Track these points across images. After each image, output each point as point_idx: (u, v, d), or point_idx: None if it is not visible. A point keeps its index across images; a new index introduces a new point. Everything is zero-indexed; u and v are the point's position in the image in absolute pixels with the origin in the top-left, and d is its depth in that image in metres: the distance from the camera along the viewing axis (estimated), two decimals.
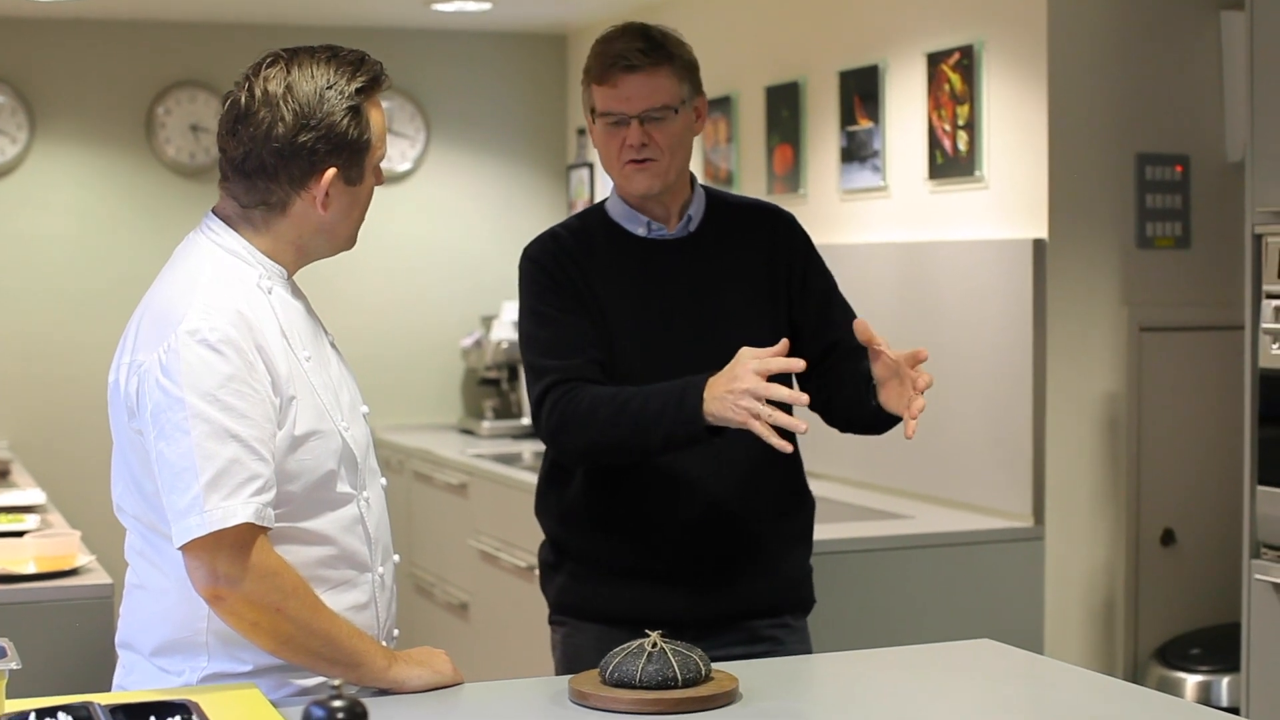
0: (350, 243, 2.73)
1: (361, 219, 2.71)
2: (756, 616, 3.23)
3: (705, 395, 2.87)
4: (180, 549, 2.47)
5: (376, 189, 2.72)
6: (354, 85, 2.62)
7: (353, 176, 2.63)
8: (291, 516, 2.57)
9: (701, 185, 3.34)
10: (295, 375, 2.59)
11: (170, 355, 2.48)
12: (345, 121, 2.60)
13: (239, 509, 2.45)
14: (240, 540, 2.45)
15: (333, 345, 2.78)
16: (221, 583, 2.46)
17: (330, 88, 2.59)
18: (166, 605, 2.60)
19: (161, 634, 2.61)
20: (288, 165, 2.59)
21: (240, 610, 2.48)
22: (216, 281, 2.58)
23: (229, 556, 2.45)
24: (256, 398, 2.50)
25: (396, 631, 2.80)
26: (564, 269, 3.21)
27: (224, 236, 2.65)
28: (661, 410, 2.94)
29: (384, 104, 2.71)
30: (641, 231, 3.25)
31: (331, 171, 2.60)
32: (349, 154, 2.61)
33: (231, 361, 2.49)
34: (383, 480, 2.79)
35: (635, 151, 3.17)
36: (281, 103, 2.58)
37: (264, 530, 2.49)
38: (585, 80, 3.23)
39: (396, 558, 2.80)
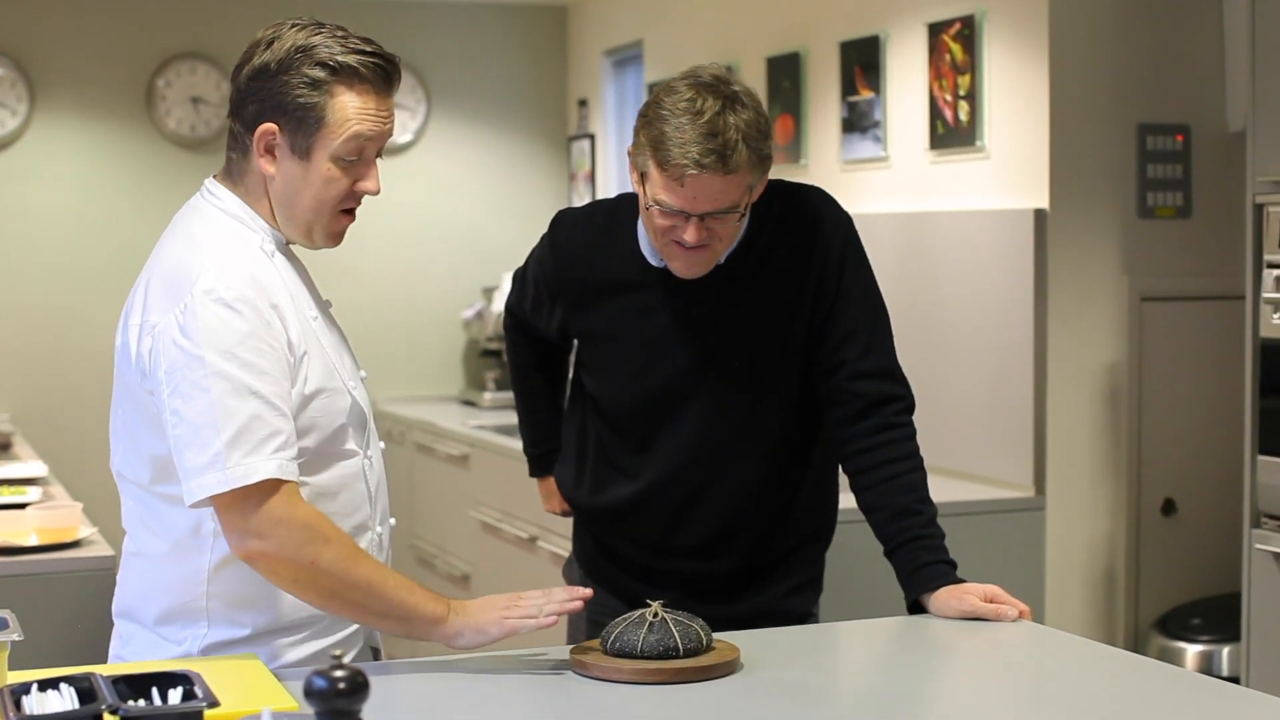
0: (316, 233, 2.67)
1: (323, 207, 2.64)
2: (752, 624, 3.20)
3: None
4: (214, 508, 2.49)
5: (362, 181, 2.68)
6: (333, 58, 2.57)
7: (298, 146, 2.60)
8: (304, 471, 2.58)
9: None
10: (306, 333, 2.61)
11: (188, 315, 2.49)
12: (299, 86, 2.57)
13: (261, 465, 2.46)
14: (266, 496, 2.47)
15: (329, 313, 2.80)
16: (253, 540, 2.48)
17: (305, 51, 2.57)
18: (165, 573, 2.62)
19: (162, 603, 2.62)
20: (245, 103, 2.61)
21: (278, 569, 2.50)
22: (223, 244, 2.60)
23: (258, 514, 2.47)
24: (274, 354, 2.52)
25: None
26: (562, 274, 3.18)
27: (223, 200, 2.67)
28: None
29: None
30: (655, 261, 3.06)
31: (271, 125, 2.59)
32: (293, 120, 2.58)
33: (249, 319, 2.50)
34: (380, 444, 2.82)
35: (691, 244, 2.91)
36: (266, 48, 2.60)
37: (290, 484, 2.50)
38: (642, 138, 2.89)
39: (393, 520, 2.82)
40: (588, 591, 2.60)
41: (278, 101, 2.58)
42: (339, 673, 1.79)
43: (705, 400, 3.09)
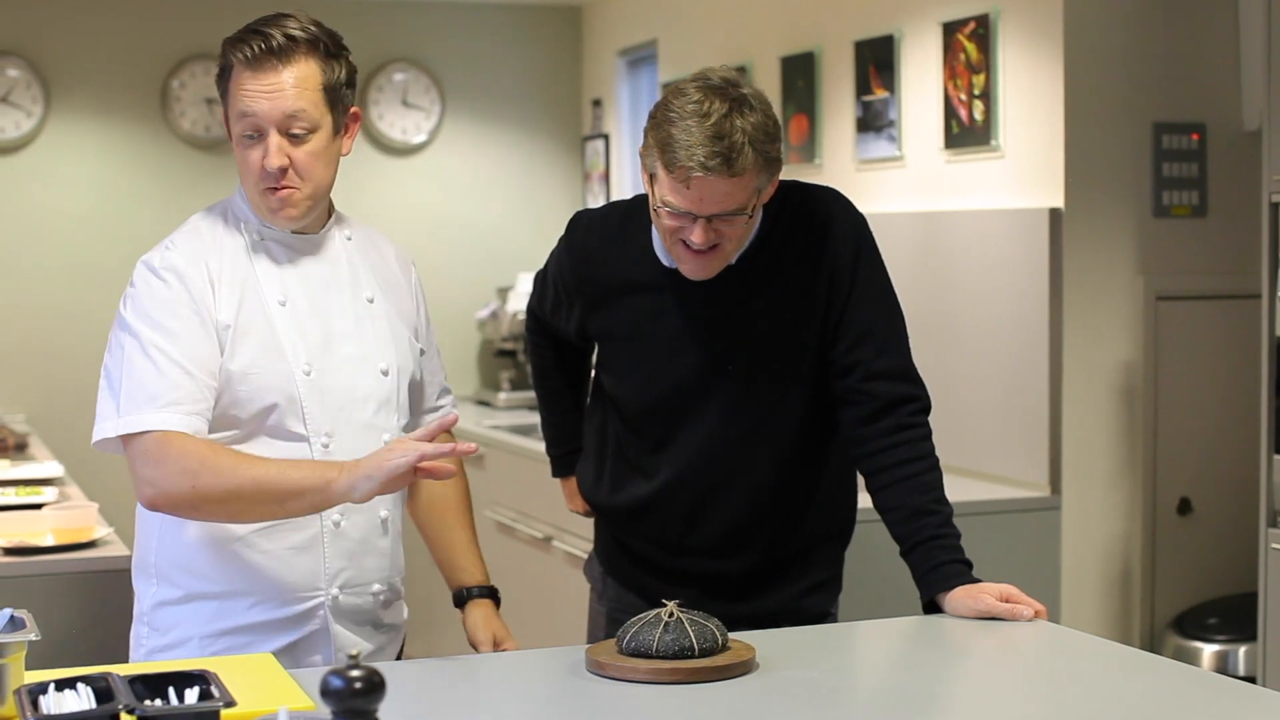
0: (260, 208, 2.82)
1: (248, 183, 2.80)
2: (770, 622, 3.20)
3: None
4: (129, 461, 2.67)
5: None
6: (227, 44, 2.80)
7: (228, 128, 2.80)
8: (239, 441, 2.74)
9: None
10: (251, 315, 2.75)
11: (130, 283, 2.75)
12: (216, 76, 2.84)
13: (150, 417, 2.64)
14: (153, 446, 2.63)
15: (370, 301, 2.90)
16: (145, 487, 2.65)
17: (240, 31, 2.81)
18: (141, 525, 2.84)
19: (137, 552, 2.84)
20: None
21: (173, 506, 2.66)
22: (198, 224, 2.83)
23: (143, 462, 2.65)
24: (194, 320, 2.70)
25: (377, 586, 2.86)
26: (579, 274, 3.18)
27: (239, 191, 2.86)
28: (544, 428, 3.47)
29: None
30: (669, 262, 3.05)
31: (223, 113, 2.82)
32: (222, 107, 2.81)
33: (171, 287, 2.72)
34: (385, 436, 2.84)
35: (699, 245, 2.91)
36: None
37: (180, 435, 2.64)
38: (650, 140, 2.89)
39: (384, 513, 2.85)
40: (470, 446, 2.62)
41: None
42: (355, 672, 1.79)
43: (720, 400, 3.09)
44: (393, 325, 2.92)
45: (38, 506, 4.25)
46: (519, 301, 7.27)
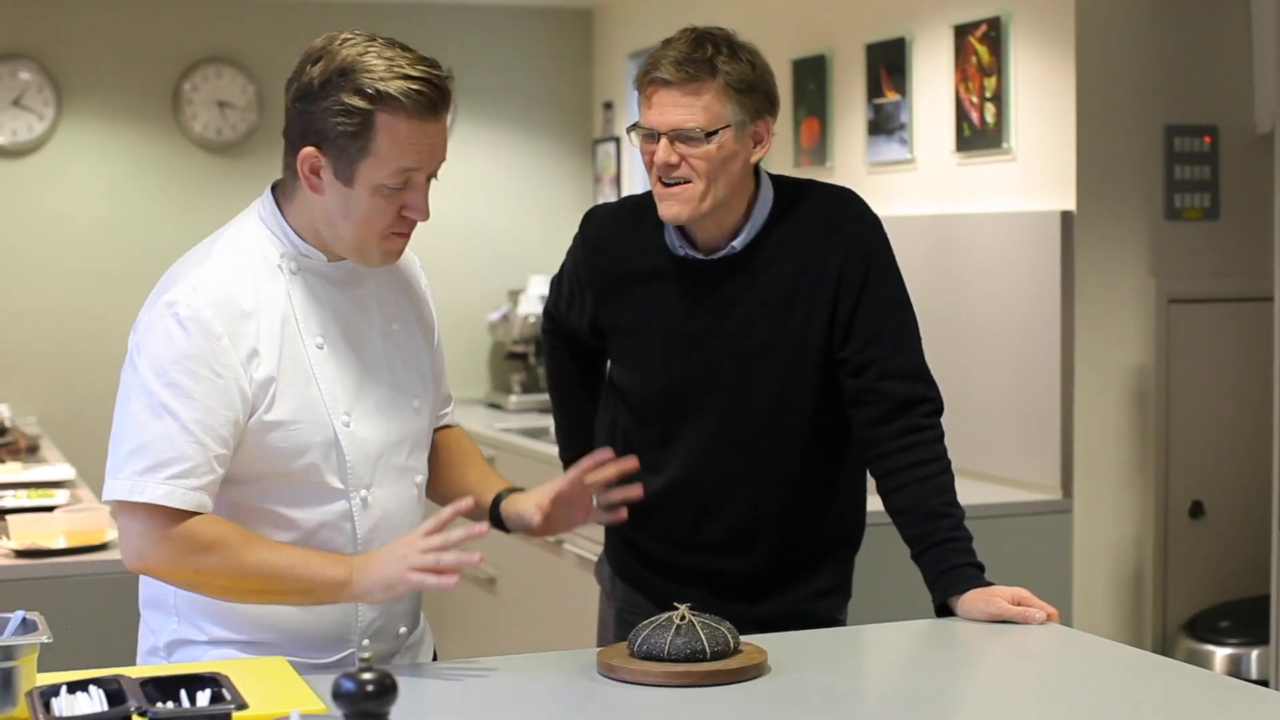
0: (369, 254, 2.60)
1: (369, 232, 2.56)
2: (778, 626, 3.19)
3: None
4: (119, 524, 2.54)
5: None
6: (373, 85, 2.48)
7: (341, 172, 2.52)
8: (272, 499, 2.59)
9: (774, 184, 3.09)
10: (292, 361, 2.57)
11: (145, 322, 2.54)
12: (339, 114, 2.49)
13: (150, 487, 2.48)
14: (156, 517, 2.49)
15: (396, 329, 2.75)
16: (137, 559, 2.53)
17: (347, 74, 2.48)
18: None
19: (149, 587, 2.69)
20: (291, 124, 2.57)
21: (169, 580, 2.56)
22: (227, 257, 2.58)
23: (142, 531, 2.50)
24: (214, 381, 2.49)
25: (403, 629, 2.77)
26: (591, 265, 3.19)
27: (265, 210, 2.64)
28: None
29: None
30: (678, 249, 3.08)
31: (313, 150, 2.52)
32: (335, 147, 2.51)
33: (193, 340, 2.49)
34: (418, 477, 2.76)
35: (664, 171, 2.96)
36: (313, 64, 2.52)
37: (181, 512, 2.49)
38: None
39: None
40: (481, 528, 2.59)
41: (318, 127, 2.51)
42: (367, 675, 1.79)
43: (726, 394, 3.09)
44: (418, 350, 2.81)
45: (49, 509, 4.25)
46: (530, 304, 7.28)
